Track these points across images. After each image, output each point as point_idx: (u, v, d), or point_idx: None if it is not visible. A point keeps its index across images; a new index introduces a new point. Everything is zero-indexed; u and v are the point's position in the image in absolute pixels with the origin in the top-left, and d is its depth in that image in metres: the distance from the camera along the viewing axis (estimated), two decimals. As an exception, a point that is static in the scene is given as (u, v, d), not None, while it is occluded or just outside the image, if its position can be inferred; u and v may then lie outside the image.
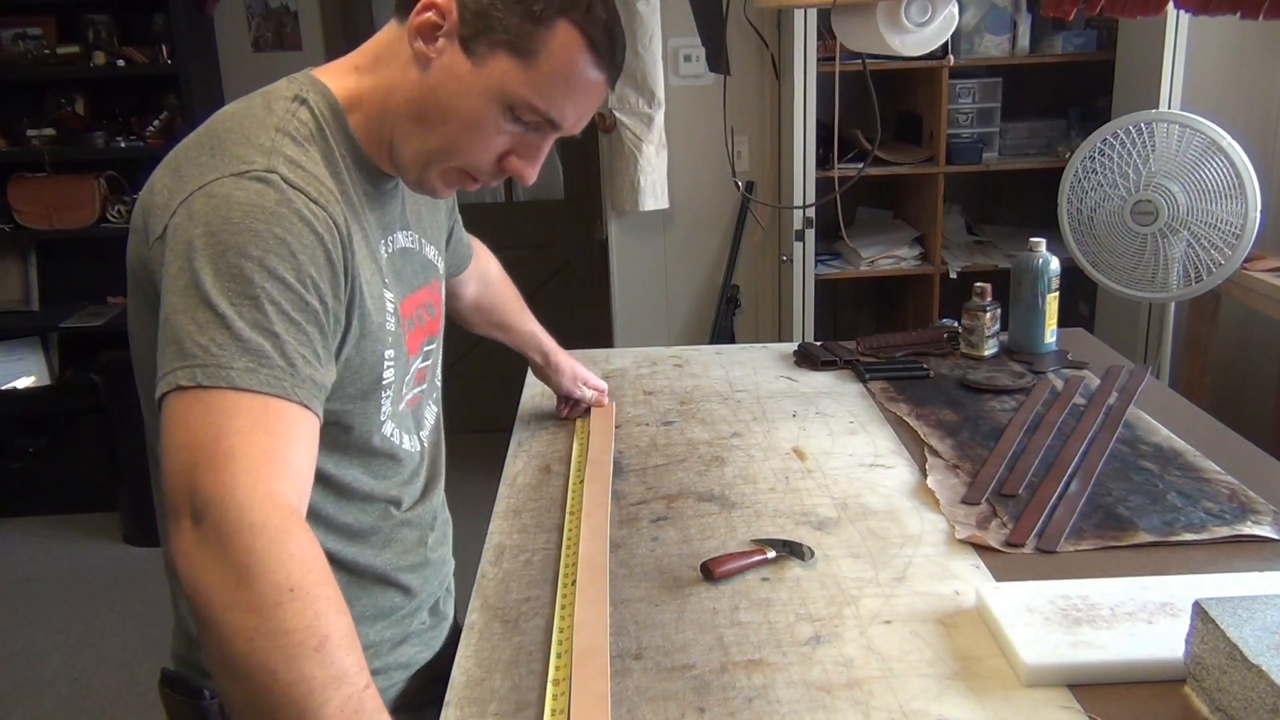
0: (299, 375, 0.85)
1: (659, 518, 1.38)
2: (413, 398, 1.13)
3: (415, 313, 1.12)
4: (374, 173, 1.02)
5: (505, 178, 1.02)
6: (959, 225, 3.77)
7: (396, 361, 1.03)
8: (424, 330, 1.14)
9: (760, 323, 3.67)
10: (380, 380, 1.02)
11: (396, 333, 1.03)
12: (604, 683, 1.02)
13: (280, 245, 0.86)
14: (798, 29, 3.10)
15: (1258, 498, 1.36)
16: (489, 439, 1.85)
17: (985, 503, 1.38)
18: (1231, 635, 0.90)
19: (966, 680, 1.02)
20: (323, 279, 0.89)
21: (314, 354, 0.88)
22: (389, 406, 1.05)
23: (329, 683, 0.74)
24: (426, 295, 1.15)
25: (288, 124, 0.94)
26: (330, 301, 0.90)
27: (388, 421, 1.06)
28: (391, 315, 1.02)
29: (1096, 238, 2.63)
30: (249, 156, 0.89)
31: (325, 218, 0.90)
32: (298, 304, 0.87)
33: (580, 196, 4.01)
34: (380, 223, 1.05)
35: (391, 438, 1.08)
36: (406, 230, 1.11)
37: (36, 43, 3.51)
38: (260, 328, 0.84)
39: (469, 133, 0.95)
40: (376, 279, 1.00)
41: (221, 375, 0.81)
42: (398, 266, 1.08)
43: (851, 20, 1.84)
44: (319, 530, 0.92)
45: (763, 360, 2.00)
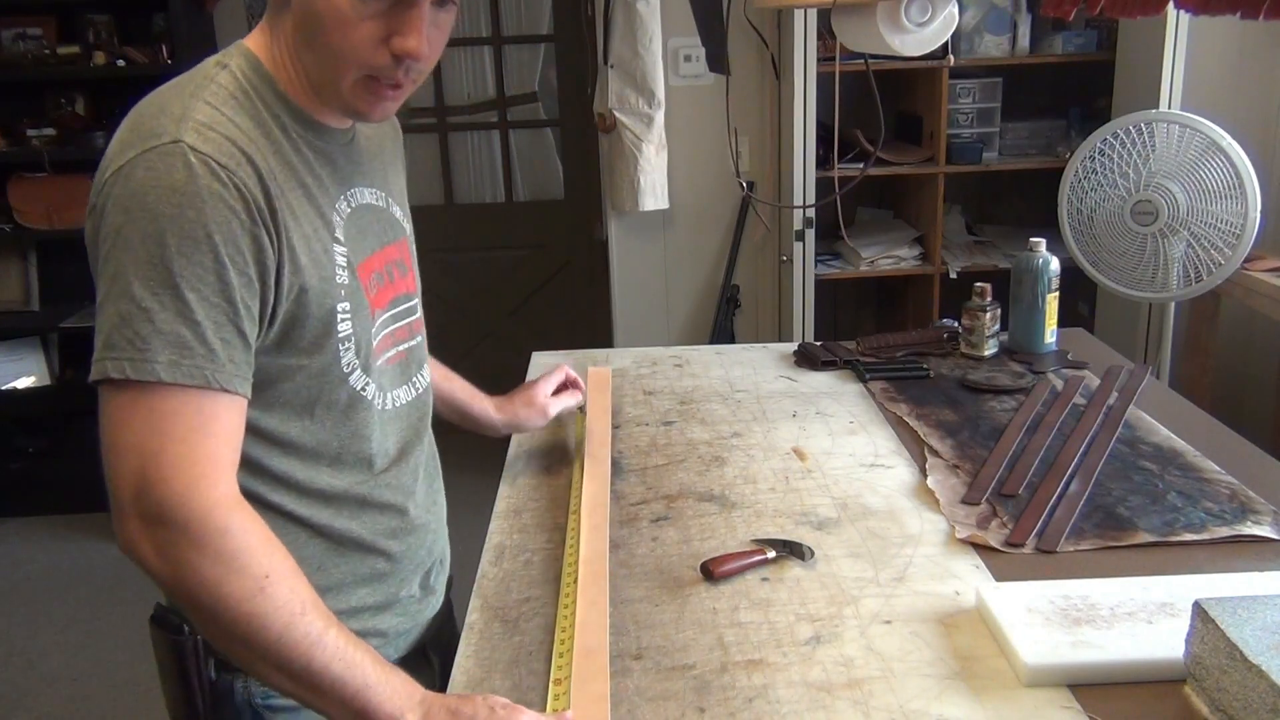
0: (219, 361, 0.90)
1: (659, 518, 1.38)
2: (394, 355, 1.13)
3: (384, 268, 1.11)
4: (318, 128, 1.03)
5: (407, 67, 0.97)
6: (959, 225, 3.77)
7: (355, 314, 1.03)
8: (394, 287, 1.13)
9: (760, 323, 3.67)
10: (333, 332, 1.01)
11: (352, 285, 1.03)
12: (604, 683, 1.02)
13: (195, 227, 0.88)
14: (798, 29, 3.10)
15: (1258, 498, 1.36)
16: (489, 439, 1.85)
17: (985, 503, 1.38)
18: (1231, 635, 0.90)
19: (966, 680, 1.02)
20: (240, 249, 0.91)
21: (236, 332, 0.91)
22: (352, 358, 1.04)
23: (324, 630, 0.91)
24: (395, 252, 1.15)
25: (203, 89, 0.95)
26: (252, 270, 0.92)
27: (355, 374, 1.05)
28: (343, 269, 1.02)
29: (1096, 238, 2.63)
30: (160, 128, 0.91)
31: (235, 184, 0.91)
32: (216, 285, 0.89)
33: (580, 196, 4.00)
34: (336, 177, 1.05)
35: (363, 392, 1.07)
36: (371, 187, 1.11)
37: (36, 43, 3.51)
38: (181, 316, 0.88)
39: (338, 31, 0.94)
40: (321, 233, 1.00)
41: (148, 369, 0.87)
42: (361, 222, 1.08)
43: (851, 20, 1.84)
44: (293, 498, 1.04)
45: (763, 360, 2.00)
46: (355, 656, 0.92)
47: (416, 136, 4.03)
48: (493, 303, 4.10)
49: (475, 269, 4.06)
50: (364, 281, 1.06)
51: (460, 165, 4.07)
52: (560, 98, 3.97)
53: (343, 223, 1.04)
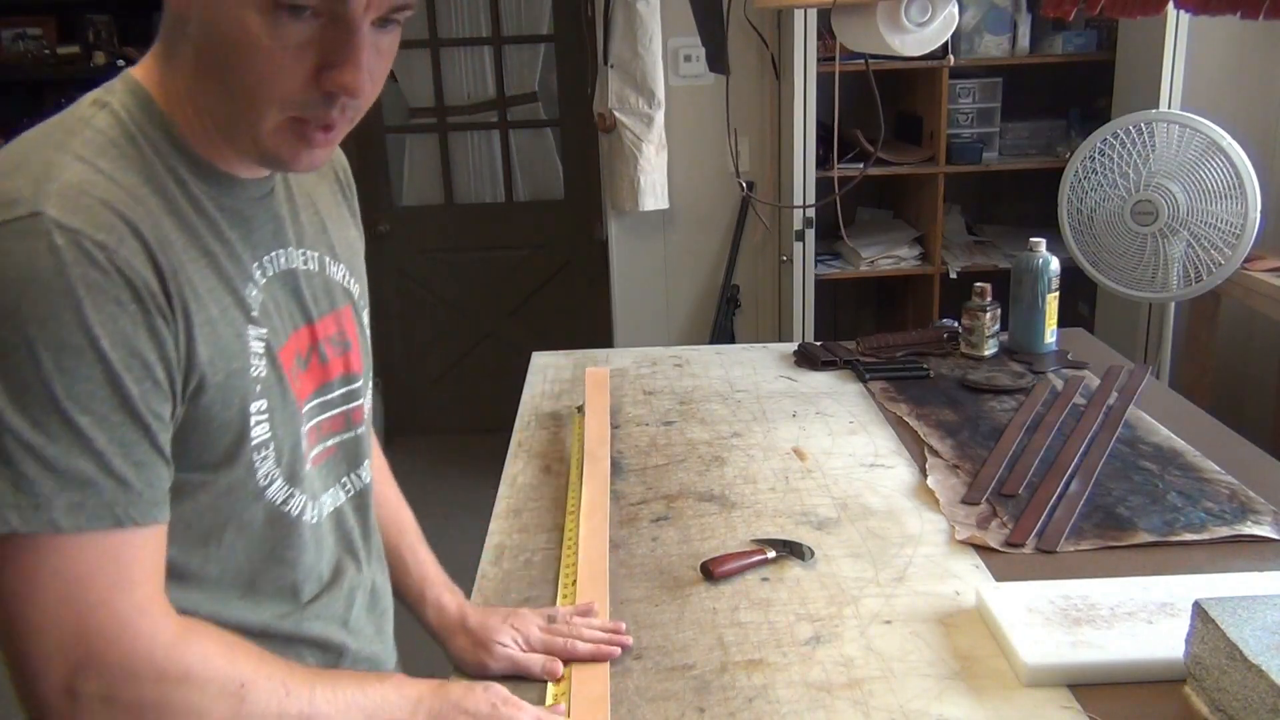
0: (132, 491, 0.73)
1: (659, 518, 1.38)
2: (323, 452, 0.94)
3: (313, 347, 0.92)
4: (227, 181, 0.83)
5: (343, 105, 0.78)
6: (959, 225, 3.77)
7: (275, 413, 0.84)
8: (324, 369, 0.93)
9: (760, 323, 3.67)
10: (246, 439, 0.82)
11: (270, 377, 0.84)
12: (604, 683, 1.02)
13: (72, 332, 0.70)
14: (798, 29, 3.09)
15: (1258, 498, 1.36)
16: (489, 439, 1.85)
17: (985, 503, 1.38)
18: (1231, 635, 0.90)
19: (966, 680, 1.02)
20: (136, 351, 0.73)
21: (150, 449, 0.74)
22: (271, 467, 0.85)
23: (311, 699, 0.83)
24: (331, 325, 0.94)
25: (73, 137, 0.76)
26: (157, 372, 0.74)
27: (274, 485, 0.86)
28: (260, 356, 0.83)
29: (1096, 238, 2.63)
30: (14, 192, 0.71)
31: (117, 266, 0.72)
32: (113, 401, 0.72)
33: (580, 196, 4.00)
34: (250, 241, 0.85)
35: (285, 506, 0.88)
36: (299, 248, 0.91)
37: (36, 43, 3.51)
38: (75, 446, 0.71)
39: (251, 61, 0.74)
40: (231, 314, 0.81)
41: (40, 518, 0.70)
42: (284, 293, 0.88)
43: (851, 20, 1.84)
44: None
45: (763, 360, 2.00)
46: (345, 698, 0.85)
47: (417, 137, 4.03)
48: (493, 303, 4.10)
49: (475, 269, 4.06)
50: (287, 368, 0.87)
51: (460, 165, 4.07)
52: (560, 98, 3.97)
53: (260, 297, 0.85)
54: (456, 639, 1.09)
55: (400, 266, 4.05)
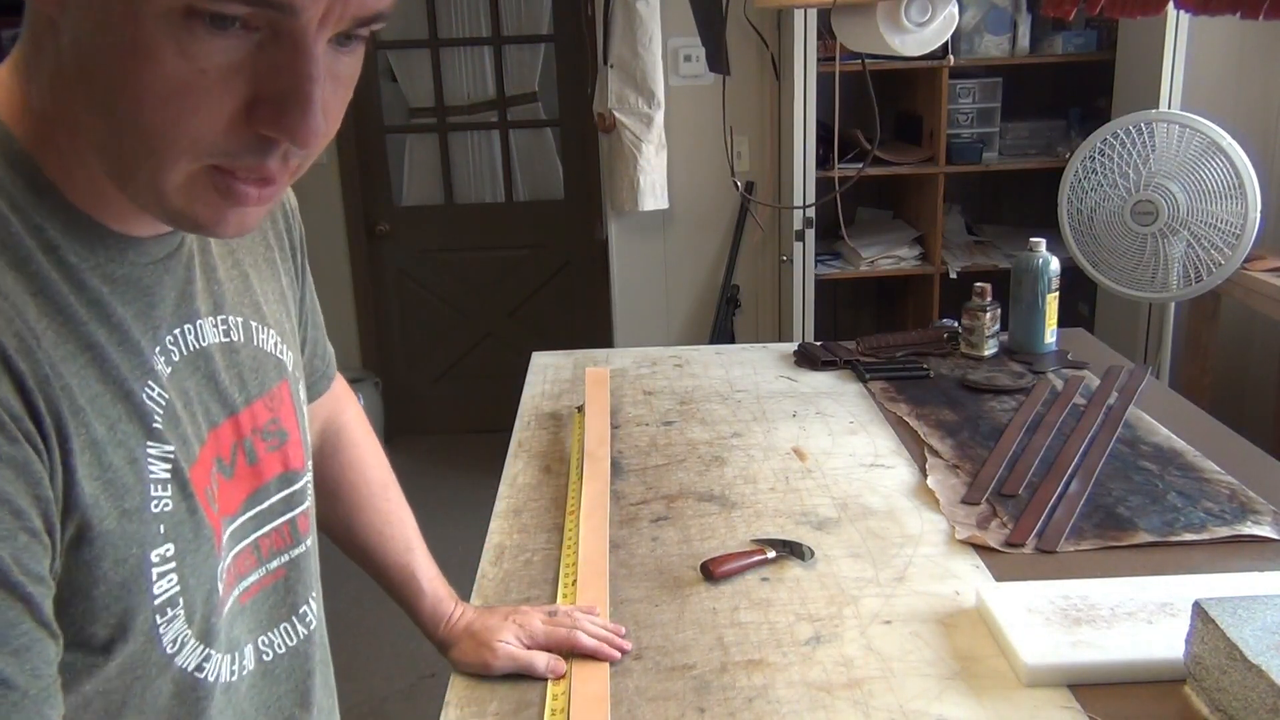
0: (15, 692, 0.52)
1: (659, 518, 1.38)
2: (257, 582, 0.74)
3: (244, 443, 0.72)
4: (114, 241, 0.61)
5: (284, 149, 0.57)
6: (959, 225, 3.77)
7: (184, 557, 0.63)
8: (260, 470, 0.73)
9: (760, 323, 3.67)
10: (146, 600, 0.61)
11: (179, 511, 0.63)
12: (604, 683, 1.02)
13: None
14: (798, 29, 3.10)
15: (1258, 498, 1.36)
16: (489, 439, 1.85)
17: (985, 503, 1.38)
18: (1231, 635, 0.90)
19: (966, 680, 1.02)
20: (5, 501, 0.52)
21: (32, 625, 0.53)
22: (181, 628, 0.64)
23: None
24: (264, 412, 0.73)
25: None
26: (33, 518, 0.54)
27: (185, 649, 0.65)
28: (165, 484, 0.62)
29: (1096, 238, 2.63)
30: None
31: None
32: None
33: (580, 196, 4.01)
34: (147, 319, 0.63)
35: (200, 672, 0.67)
36: (217, 315, 0.70)
37: (36, 43, 3.51)
38: None
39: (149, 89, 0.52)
40: (123, 428, 0.60)
41: None
42: (192, 383, 0.67)
43: (851, 20, 1.85)
44: None
45: (763, 360, 2.00)
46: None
47: (416, 136, 4.03)
48: (493, 303, 4.11)
49: (475, 269, 4.06)
50: (200, 490, 0.65)
51: (460, 165, 4.07)
52: (560, 98, 3.97)
53: (164, 396, 0.63)
54: (460, 644, 1.07)
55: (400, 266, 4.06)
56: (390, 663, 2.63)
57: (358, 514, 1.05)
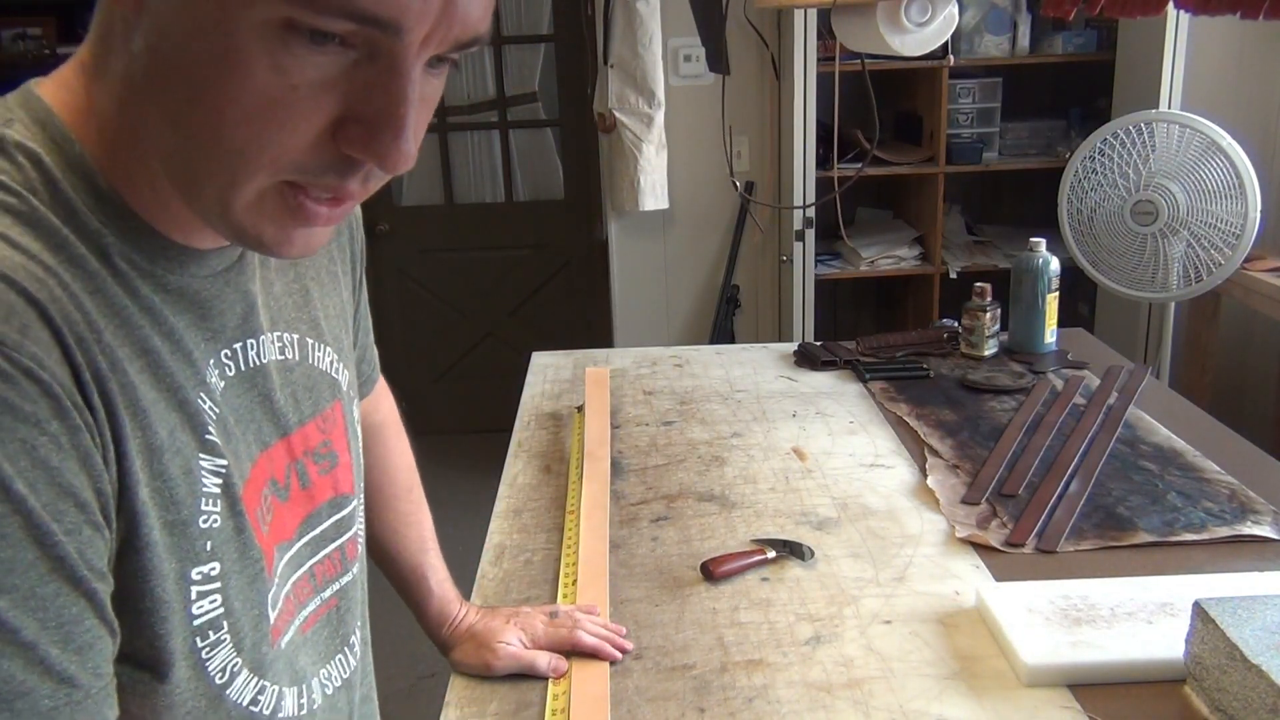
0: (79, 690, 0.51)
1: (659, 518, 1.38)
2: (313, 615, 0.73)
3: (298, 465, 0.70)
4: (173, 251, 0.59)
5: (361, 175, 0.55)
6: (959, 225, 3.77)
7: (229, 579, 0.61)
8: (309, 496, 0.71)
9: (760, 323, 3.67)
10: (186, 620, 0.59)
11: (226, 529, 0.61)
12: (604, 683, 1.02)
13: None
14: (798, 29, 3.10)
15: (1258, 498, 1.36)
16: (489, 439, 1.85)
17: (985, 503, 1.38)
18: (1231, 635, 0.90)
19: (966, 680, 1.02)
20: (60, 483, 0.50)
21: (95, 622, 0.52)
22: (229, 656, 0.62)
23: None
24: (316, 433, 0.72)
25: None
26: (92, 505, 0.52)
27: (237, 682, 0.63)
28: (215, 499, 0.60)
29: (1096, 238, 2.63)
30: None
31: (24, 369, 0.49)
32: (38, 565, 0.49)
33: (580, 196, 4.01)
34: (203, 331, 0.62)
35: (253, 707, 0.65)
36: (273, 332, 0.68)
37: (36, 43, 3.51)
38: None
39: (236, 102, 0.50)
40: (180, 437, 0.58)
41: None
42: (245, 401, 0.65)
43: (851, 20, 1.85)
44: None
45: (763, 360, 2.00)
46: None
47: (416, 136, 4.03)
48: (493, 303, 4.11)
49: (475, 269, 4.06)
50: (251, 511, 0.63)
51: (460, 165, 4.07)
52: (560, 98, 3.97)
53: (217, 410, 0.62)
54: (462, 646, 1.07)
55: (400, 266, 4.06)
56: (390, 663, 2.63)
57: (380, 513, 1.03)
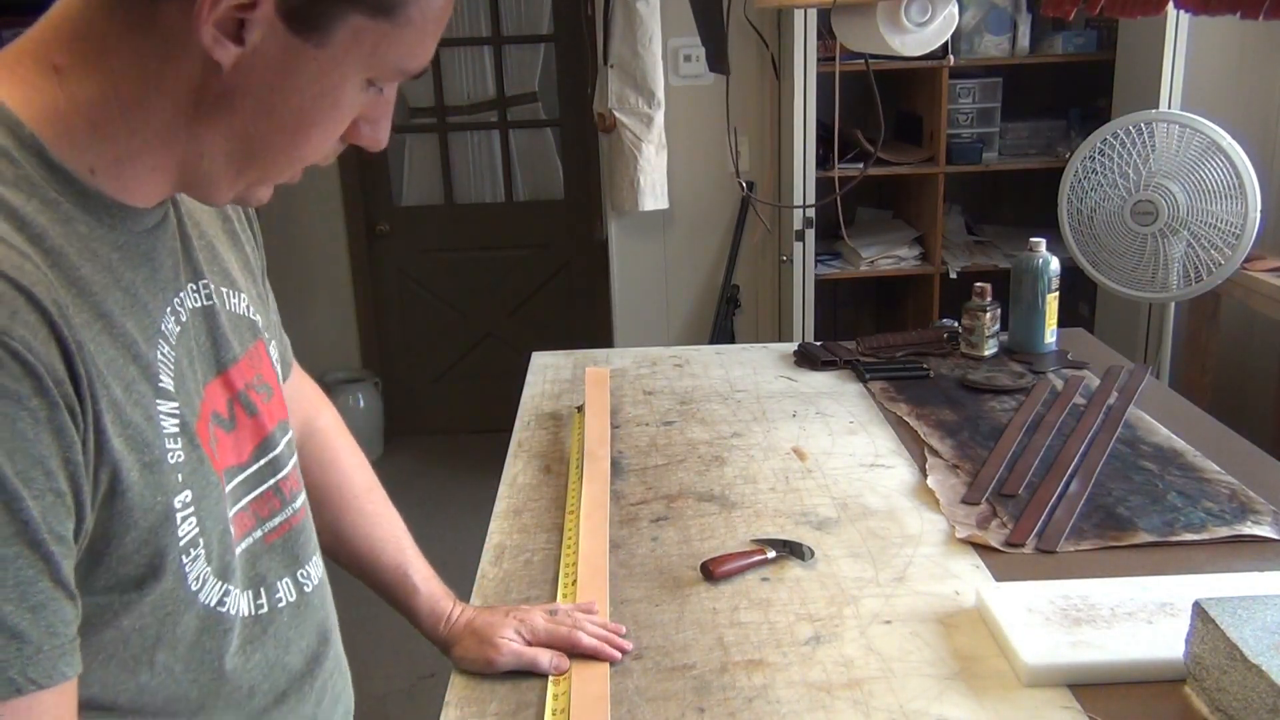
0: (29, 647, 0.57)
1: (659, 518, 1.38)
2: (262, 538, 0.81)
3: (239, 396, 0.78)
4: (117, 210, 0.66)
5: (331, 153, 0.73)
6: (959, 225, 3.77)
7: (200, 502, 0.70)
8: (254, 427, 0.80)
9: (760, 323, 3.67)
10: (172, 544, 0.68)
11: (191, 459, 0.70)
12: (604, 683, 1.02)
13: None
14: (798, 29, 3.10)
15: (1258, 498, 1.36)
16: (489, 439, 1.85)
17: (985, 503, 1.38)
18: (1231, 635, 0.90)
19: (966, 680, 1.02)
20: (37, 459, 0.57)
21: (53, 586, 0.58)
22: (202, 567, 0.71)
23: None
24: (247, 369, 0.80)
25: None
26: (61, 481, 0.59)
27: (206, 586, 0.72)
28: (175, 438, 0.68)
29: (1096, 238, 2.63)
30: None
31: (12, 350, 0.56)
32: (7, 527, 0.56)
33: (580, 196, 4.01)
34: (154, 284, 0.70)
35: (221, 606, 0.74)
36: (198, 280, 0.76)
37: (36, 43, 3.51)
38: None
39: (319, 129, 0.68)
40: (139, 388, 0.66)
41: None
42: (190, 343, 0.73)
43: (851, 20, 1.85)
44: None
45: (763, 360, 2.00)
46: None
47: (417, 136, 4.03)
48: (493, 303, 4.11)
49: (475, 269, 4.06)
50: (204, 440, 0.72)
51: (460, 165, 4.07)
52: (560, 98, 3.97)
53: (172, 356, 0.69)
54: (463, 641, 1.07)
55: (400, 266, 4.06)
56: (390, 663, 2.63)
57: (344, 515, 1.06)
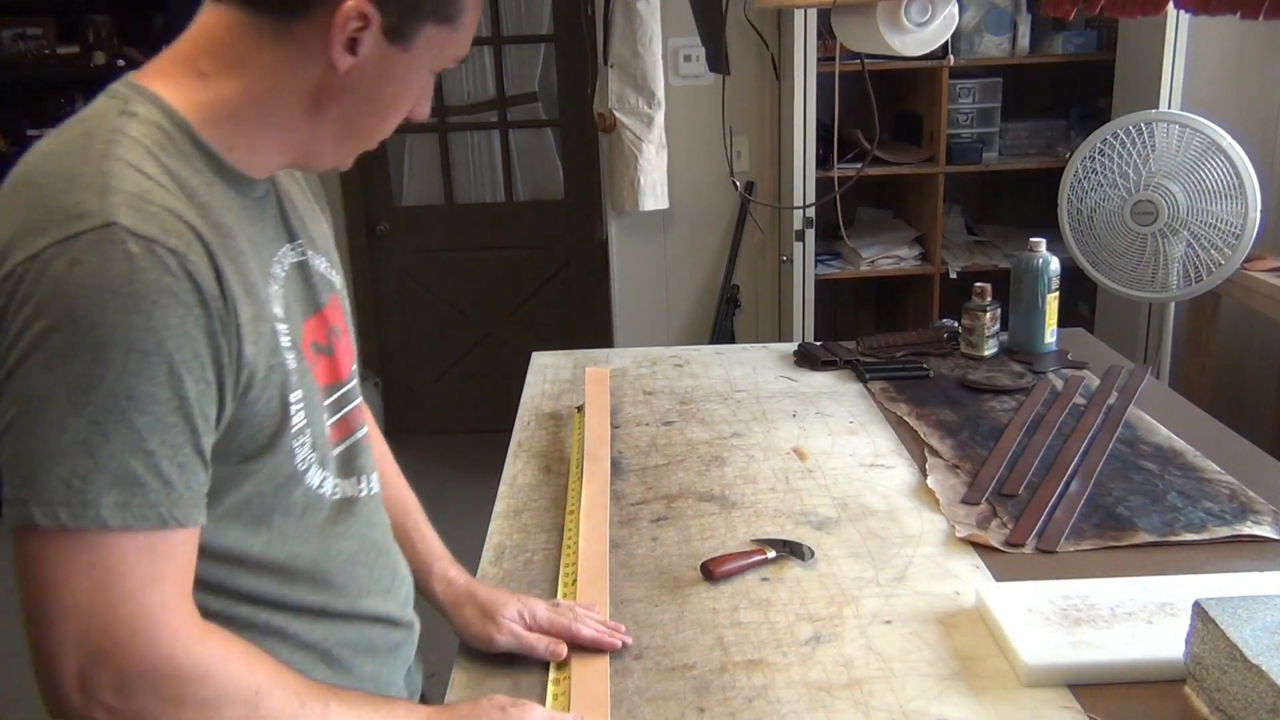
0: (175, 492, 0.75)
1: (659, 518, 1.38)
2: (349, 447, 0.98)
3: (323, 338, 0.95)
4: (242, 181, 0.85)
5: None
6: (959, 225, 3.77)
7: (307, 401, 0.88)
8: (336, 358, 0.97)
9: (760, 323, 3.67)
10: (287, 428, 0.86)
11: (300, 368, 0.88)
12: (604, 683, 1.02)
13: (144, 335, 0.72)
14: (798, 29, 3.09)
15: (1258, 498, 1.36)
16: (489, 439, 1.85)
17: (985, 503, 1.38)
18: (1231, 635, 0.90)
19: (966, 680, 1.02)
20: (197, 353, 0.75)
21: (194, 453, 0.76)
22: (308, 452, 0.89)
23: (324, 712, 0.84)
24: (330, 317, 0.97)
25: (115, 145, 0.77)
26: (209, 373, 0.76)
27: (311, 470, 0.90)
28: (290, 350, 0.86)
29: (1096, 238, 2.63)
30: (79, 205, 0.73)
31: (187, 271, 0.74)
32: (172, 403, 0.74)
33: (580, 196, 4.00)
34: (264, 239, 0.88)
35: (320, 489, 0.92)
36: (294, 242, 0.94)
37: (36, 43, 3.51)
38: (129, 447, 0.72)
39: (398, 111, 0.89)
40: (265, 312, 0.84)
41: (90, 515, 0.71)
42: (291, 289, 0.91)
43: (851, 20, 1.85)
44: (268, 612, 0.89)
45: (763, 360, 2.00)
46: (358, 715, 0.86)
47: (416, 136, 4.03)
48: (493, 303, 4.10)
49: (475, 269, 4.06)
50: (309, 359, 0.90)
51: (460, 165, 4.07)
52: (560, 98, 3.97)
53: (280, 292, 0.88)
54: (465, 610, 1.11)
55: (400, 266, 4.05)
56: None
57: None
